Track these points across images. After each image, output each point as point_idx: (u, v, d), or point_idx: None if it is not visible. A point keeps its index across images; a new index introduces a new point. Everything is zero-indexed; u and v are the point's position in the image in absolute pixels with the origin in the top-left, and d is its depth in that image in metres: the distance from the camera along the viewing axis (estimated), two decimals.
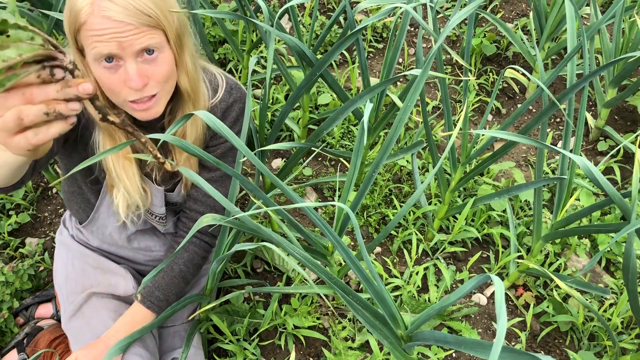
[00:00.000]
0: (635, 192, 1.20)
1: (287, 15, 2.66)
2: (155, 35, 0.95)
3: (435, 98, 2.36)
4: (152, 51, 0.96)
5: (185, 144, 0.96)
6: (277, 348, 1.54)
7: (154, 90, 1.00)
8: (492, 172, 2.00)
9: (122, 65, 0.95)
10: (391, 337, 1.08)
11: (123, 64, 0.95)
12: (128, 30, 0.91)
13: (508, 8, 2.77)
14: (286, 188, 1.08)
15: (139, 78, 0.96)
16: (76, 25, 0.92)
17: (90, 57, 0.94)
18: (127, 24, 0.91)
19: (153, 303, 1.26)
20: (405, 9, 1.38)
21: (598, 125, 2.16)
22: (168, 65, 1.00)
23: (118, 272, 1.36)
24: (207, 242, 1.32)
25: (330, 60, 1.50)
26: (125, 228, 1.34)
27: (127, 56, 0.94)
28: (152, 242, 1.39)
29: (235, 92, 1.23)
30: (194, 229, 1.01)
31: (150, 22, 0.93)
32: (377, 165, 1.28)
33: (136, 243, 1.37)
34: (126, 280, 1.35)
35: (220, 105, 1.20)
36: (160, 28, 0.95)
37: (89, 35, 0.92)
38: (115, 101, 1.02)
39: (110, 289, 1.35)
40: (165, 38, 0.97)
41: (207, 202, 1.29)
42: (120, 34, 0.91)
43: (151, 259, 1.42)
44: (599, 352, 1.56)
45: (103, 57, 0.93)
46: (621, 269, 1.74)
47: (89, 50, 0.94)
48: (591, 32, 1.53)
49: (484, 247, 1.84)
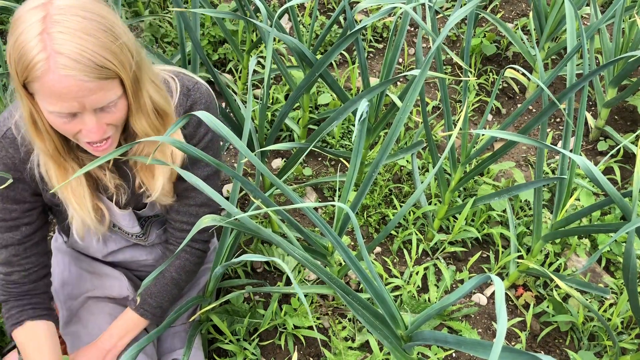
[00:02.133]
0: (636, 192, 1.20)
1: (287, 15, 2.66)
2: (114, 87, 0.91)
3: (435, 98, 2.36)
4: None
5: (185, 146, 0.95)
6: (277, 348, 1.54)
7: (110, 133, 0.97)
8: (492, 172, 2.00)
9: (77, 117, 0.92)
10: (391, 337, 1.08)
11: (80, 115, 0.92)
12: (89, 90, 0.87)
13: (508, 8, 2.77)
14: (286, 188, 1.08)
15: (98, 130, 0.93)
16: (28, 76, 0.86)
17: (43, 105, 0.90)
18: (85, 83, 0.86)
19: (146, 310, 1.26)
20: (405, 9, 1.38)
21: (598, 125, 2.16)
22: (123, 111, 0.96)
23: (112, 274, 1.37)
24: (199, 249, 1.30)
25: (330, 60, 1.50)
26: (106, 245, 1.33)
27: (86, 111, 0.91)
28: (138, 252, 1.38)
29: (193, 94, 1.14)
30: (194, 229, 1.00)
31: (109, 75, 0.88)
32: (377, 165, 1.28)
33: (121, 255, 1.37)
34: (120, 282, 1.35)
35: (178, 110, 1.12)
36: (118, 77, 0.91)
37: (46, 92, 0.87)
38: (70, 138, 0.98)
39: (105, 291, 1.35)
40: (122, 86, 0.93)
41: (190, 212, 1.24)
42: (82, 96, 0.87)
43: (142, 266, 1.42)
44: (599, 352, 1.56)
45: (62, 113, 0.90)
46: (621, 269, 1.74)
47: (43, 102, 0.90)
48: (591, 32, 1.53)
49: (484, 247, 1.84)
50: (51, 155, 1.01)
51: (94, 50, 0.85)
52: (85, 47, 0.85)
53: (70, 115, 0.91)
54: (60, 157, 1.02)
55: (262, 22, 1.47)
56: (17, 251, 1.15)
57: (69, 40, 0.84)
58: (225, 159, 2.09)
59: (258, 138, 1.58)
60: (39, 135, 0.97)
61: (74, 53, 0.84)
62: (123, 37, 0.90)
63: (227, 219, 1.08)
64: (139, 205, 1.24)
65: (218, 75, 1.64)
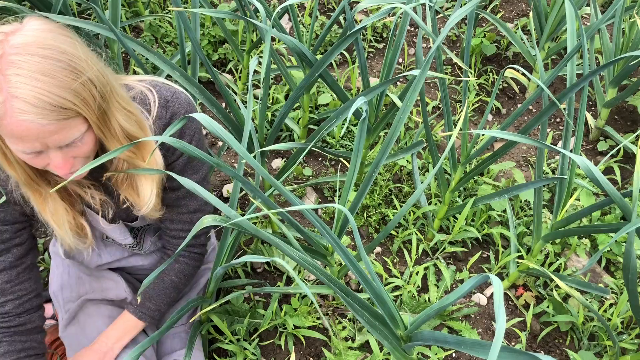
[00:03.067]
0: (636, 192, 1.20)
1: (287, 15, 2.66)
2: (77, 124, 0.88)
3: (435, 98, 2.36)
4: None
5: (186, 146, 0.95)
6: (277, 348, 1.54)
7: (79, 166, 0.95)
8: (492, 172, 2.00)
9: (43, 152, 0.89)
10: (391, 337, 1.08)
11: (45, 152, 0.89)
12: (49, 132, 0.84)
13: (508, 8, 2.77)
14: (284, 190, 1.08)
15: (65, 164, 0.91)
16: None
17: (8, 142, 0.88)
18: (46, 124, 0.83)
19: (145, 313, 1.26)
20: (405, 9, 1.38)
21: (598, 125, 2.16)
22: (91, 144, 0.93)
23: (110, 277, 1.37)
24: (198, 252, 1.30)
25: (330, 60, 1.50)
26: (100, 258, 1.33)
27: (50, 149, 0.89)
28: (133, 258, 1.38)
29: (172, 105, 1.09)
30: (193, 230, 1.00)
31: (69, 115, 0.85)
32: (377, 165, 1.28)
33: (116, 264, 1.37)
34: (117, 284, 1.35)
35: (158, 123, 1.08)
36: (81, 115, 0.87)
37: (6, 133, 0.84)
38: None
39: (103, 294, 1.35)
40: (86, 122, 0.90)
41: (184, 219, 1.24)
42: (42, 137, 0.85)
43: (140, 270, 1.42)
44: (599, 352, 1.56)
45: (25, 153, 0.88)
46: (621, 269, 1.74)
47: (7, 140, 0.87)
48: (591, 32, 1.52)
49: (484, 247, 1.84)
50: (24, 183, 0.99)
51: (51, 92, 0.82)
52: (42, 90, 0.81)
53: (35, 152, 0.88)
54: (34, 184, 1.00)
55: (261, 23, 1.47)
56: (10, 277, 1.12)
57: (25, 83, 0.80)
58: (225, 159, 2.09)
59: (258, 138, 1.58)
60: (10, 165, 0.95)
61: (30, 97, 0.80)
62: (86, 71, 0.86)
63: (227, 219, 1.08)
64: (130, 218, 1.23)
65: (218, 75, 1.63)
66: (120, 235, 1.25)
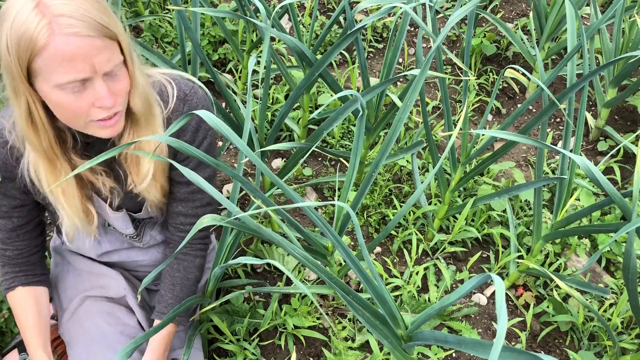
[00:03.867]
0: (636, 192, 1.20)
1: (287, 15, 2.66)
2: (116, 49, 0.91)
3: (435, 98, 2.36)
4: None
5: (185, 146, 0.95)
6: (277, 348, 1.54)
7: (120, 107, 0.97)
8: (492, 172, 2.00)
9: (88, 86, 0.90)
10: (391, 337, 1.08)
11: (89, 85, 0.90)
12: (97, 48, 0.87)
13: (508, 8, 2.77)
14: (286, 187, 1.08)
15: (111, 96, 0.92)
16: (33, 52, 0.84)
17: (52, 84, 0.88)
18: (93, 39, 0.85)
19: (181, 317, 1.30)
20: (405, 9, 1.38)
21: (598, 125, 2.16)
22: (127, 81, 0.96)
23: (109, 274, 1.36)
24: (206, 243, 1.33)
25: (330, 60, 1.50)
26: (100, 246, 1.33)
27: (97, 76, 0.90)
28: (133, 253, 1.38)
29: (190, 99, 1.12)
30: (194, 229, 1.00)
31: (111, 34, 0.89)
32: (377, 165, 1.28)
33: (116, 256, 1.37)
34: (117, 282, 1.35)
35: (174, 117, 1.10)
36: (117, 40, 0.91)
37: (55, 60, 0.85)
38: (75, 125, 0.97)
39: (102, 291, 1.35)
40: (121, 52, 0.93)
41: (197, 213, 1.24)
42: (91, 56, 0.86)
43: (139, 266, 1.42)
44: (599, 352, 1.56)
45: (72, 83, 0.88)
46: (621, 269, 1.74)
47: (51, 77, 0.87)
48: (591, 32, 1.53)
49: (484, 247, 1.84)
50: (44, 151, 1.00)
51: (92, 10, 0.86)
52: (84, 8, 0.85)
53: (81, 84, 0.89)
54: (54, 153, 1.01)
55: (261, 22, 1.47)
56: (9, 235, 1.20)
57: (66, 4, 0.84)
58: (225, 159, 2.09)
59: (258, 138, 1.58)
60: (34, 130, 0.96)
61: (75, 13, 0.84)
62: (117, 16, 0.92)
63: (227, 218, 1.08)
64: (135, 208, 1.24)
65: (218, 75, 1.64)
66: (123, 224, 1.26)
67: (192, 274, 1.30)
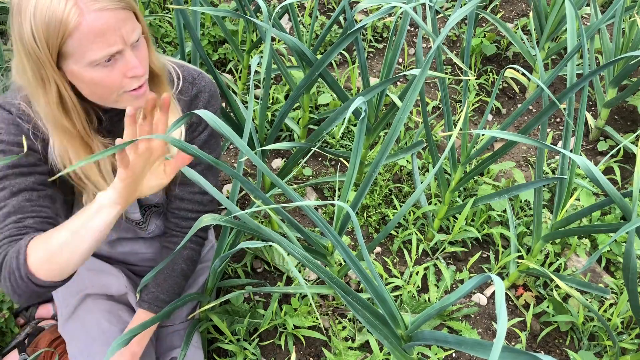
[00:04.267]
0: (636, 192, 1.20)
1: (287, 15, 2.66)
2: (135, 19, 0.95)
3: (435, 98, 2.36)
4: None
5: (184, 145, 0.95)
6: (277, 348, 1.54)
7: (147, 74, 1.00)
8: (492, 172, 2.00)
9: (117, 59, 0.94)
10: (391, 337, 1.08)
11: (119, 57, 0.94)
12: (122, 20, 0.90)
13: (508, 8, 2.77)
14: (286, 187, 1.08)
15: (140, 63, 0.96)
16: (64, 34, 0.87)
17: (84, 63, 0.91)
18: (117, 11, 0.89)
19: (160, 307, 1.27)
20: (405, 9, 1.38)
21: (598, 125, 2.16)
22: (146, 49, 1.00)
23: (110, 272, 1.36)
24: (201, 236, 1.32)
25: (330, 60, 1.50)
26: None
27: (126, 48, 0.93)
28: (137, 245, 1.38)
29: (199, 82, 1.17)
30: (194, 228, 1.00)
31: (129, 6, 0.93)
32: (377, 164, 1.28)
33: (120, 247, 1.37)
34: (119, 280, 1.35)
35: (183, 97, 1.14)
36: (133, 10, 0.95)
37: (87, 38, 0.88)
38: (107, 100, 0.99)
39: (103, 289, 1.35)
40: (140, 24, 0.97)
41: (195, 199, 1.25)
42: (119, 28, 0.90)
43: (141, 260, 1.41)
44: (599, 352, 1.56)
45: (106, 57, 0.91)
46: (621, 269, 1.74)
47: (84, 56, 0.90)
48: (591, 32, 1.52)
49: (484, 247, 1.84)
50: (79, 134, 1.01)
51: None
52: None
53: (113, 58, 0.92)
54: (88, 135, 1.03)
55: (261, 22, 1.47)
56: (30, 196, 1.02)
57: None
58: (225, 158, 2.09)
59: (258, 138, 1.59)
60: (67, 115, 0.98)
61: None
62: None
63: (227, 218, 1.08)
64: None
65: (218, 75, 1.63)
66: (131, 207, 1.26)
67: (178, 265, 1.28)
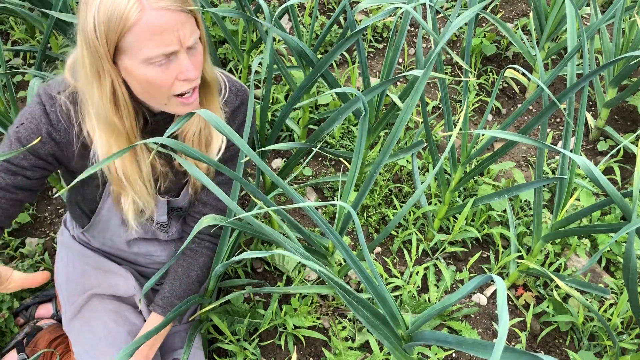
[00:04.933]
0: (636, 192, 1.20)
1: (287, 15, 2.66)
2: (194, 24, 0.96)
3: (435, 98, 2.36)
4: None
5: (184, 147, 0.95)
6: (277, 348, 1.54)
7: (199, 80, 1.02)
8: (492, 172, 2.00)
9: (172, 60, 0.95)
10: (391, 337, 1.08)
11: (174, 58, 0.95)
12: (182, 22, 0.92)
13: (508, 8, 2.77)
14: (287, 187, 1.08)
15: (194, 66, 0.97)
16: (123, 29, 0.89)
17: (140, 59, 0.93)
18: (178, 13, 0.91)
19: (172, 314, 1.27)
20: (406, 9, 1.38)
21: (598, 125, 2.16)
22: (202, 54, 1.01)
23: (119, 272, 1.36)
24: (216, 243, 1.33)
25: (331, 61, 1.50)
26: (125, 232, 1.32)
27: (182, 50, 0.95)
28: (153, 247, 1.38)
29: (241, 94, 1.22)
30: (194, 230, 1.01)
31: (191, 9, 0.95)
32: (379, 165, 1.28)
33: (136, 248, 1.37)
34: (127, 281, 1.35)
35: (227, 108, 1.19)
36: (194, 15, 0.96)
37: (145, 35, 0.90)
38: (156, 101, 1.01)
39: (111, 289, 1.34)
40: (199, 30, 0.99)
41: (218, 206, 1.28)
42: (177, 29, 0.92)
43: (152, 262, 1.41)
44: (599, 352, 1.57)
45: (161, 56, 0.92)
46: (621, 269, 1.74)
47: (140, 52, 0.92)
48: (591, 32, 1.53)
49: (484, 247, 1.84)
50: (126, 132, 1.03)
51: None
52: None
53: (167, 58, 0.94)
54: (134, 135, 1.05)
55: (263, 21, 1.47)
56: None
57: None
58: None
59: (259, 138, 1.58)
60: (118, 111, 1.00)
61: None
62: None
63: (229, 219, 1.08)
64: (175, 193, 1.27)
65: None
66: (160, 210, 1.27)
67: (193, 272, 1.29)
